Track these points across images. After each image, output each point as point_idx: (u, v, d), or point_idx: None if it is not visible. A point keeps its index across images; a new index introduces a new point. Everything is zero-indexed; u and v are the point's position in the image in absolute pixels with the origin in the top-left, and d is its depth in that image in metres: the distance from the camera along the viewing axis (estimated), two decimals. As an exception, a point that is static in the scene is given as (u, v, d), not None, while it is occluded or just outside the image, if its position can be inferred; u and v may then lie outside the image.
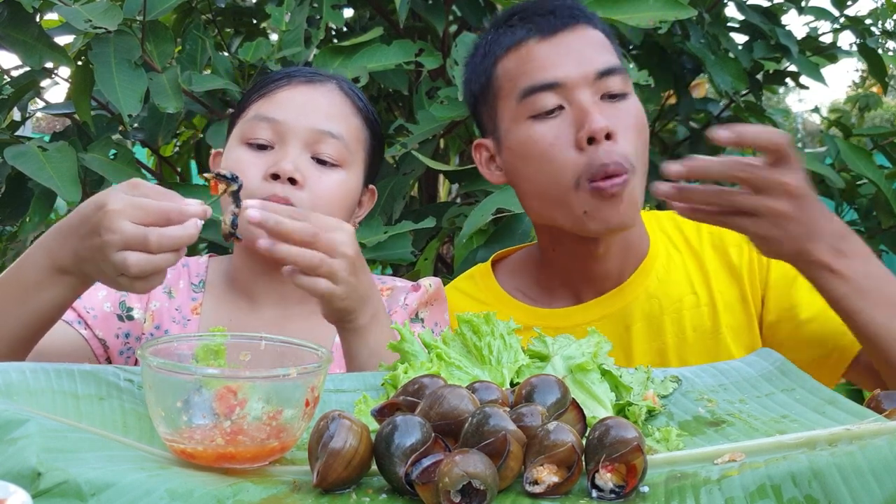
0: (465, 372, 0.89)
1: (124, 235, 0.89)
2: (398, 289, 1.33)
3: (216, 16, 2.46)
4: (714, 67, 2.30)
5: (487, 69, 1.30)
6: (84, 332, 1.22)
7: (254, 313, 1.28)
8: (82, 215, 0.94)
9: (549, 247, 1.34)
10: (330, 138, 1.23)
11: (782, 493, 0.62)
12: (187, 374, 0.73)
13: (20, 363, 0.82)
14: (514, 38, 1.26)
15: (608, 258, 1.30)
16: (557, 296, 1.36)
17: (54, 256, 0.97)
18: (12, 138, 1.94)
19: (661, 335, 1.30)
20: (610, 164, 1.18)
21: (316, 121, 1.23)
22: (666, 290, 1.31)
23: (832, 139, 2.52)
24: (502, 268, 1.43)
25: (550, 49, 1.24)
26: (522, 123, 1.24)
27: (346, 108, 1.28)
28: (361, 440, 0.68)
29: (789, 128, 9.48)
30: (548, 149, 1.21)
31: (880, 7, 2.76)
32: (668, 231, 1.37)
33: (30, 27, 1.85)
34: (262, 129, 1.23)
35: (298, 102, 1.25)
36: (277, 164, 1.19)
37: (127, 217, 0.89)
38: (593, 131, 1.18)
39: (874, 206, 2.44)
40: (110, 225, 0.89)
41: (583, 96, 1.21)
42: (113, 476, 0.64)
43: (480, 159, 1.36)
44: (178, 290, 1.30)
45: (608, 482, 0.66)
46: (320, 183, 1.22)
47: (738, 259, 1.31)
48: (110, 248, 0.89)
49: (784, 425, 0.78)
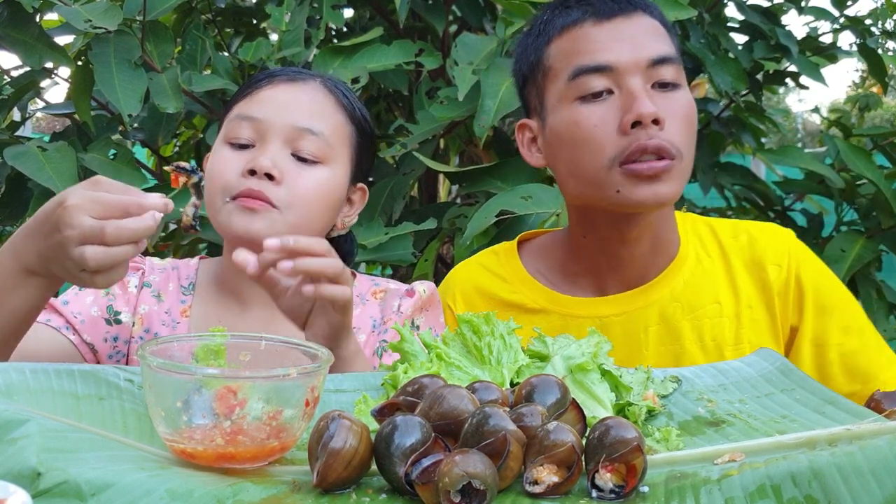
0: (465, 372, 0.89)
1: (82, 229, 0.89)
2: (391, 292, 1.33)
3: (216, 16, 2.46)
4: (714, 67, 2.30)
5: (539, 49, 1.28)
6: (72, 338, 1.22)
7: (243, 315, 1.28)
8: (44, 214, 0.94)
9: (580, 233, 1.32)
10: (310, 135, 1.23)
11: (782, 493, 0.62)
12: (187, 374, 0.73)
13: (20, 363, 0.82)
14: (569, 19, 1.25)
15: (639, 247, 1.29)
16: (580, 284, 1.34)
17: (21, 258, 0.97)
18: (12, 138, 1.94)
19: (679, 340, 1.28)
20: (650, 144, 1.16)
21: (296, 118, 1.23)
22: (690, 296, 1.30)
23: (832, 139, 2.52)
24: (527, 248, 1.42)
25: (605, 32, 1.23)
26: (569, 105, 1.23)
27: (329, 104, 1.27)
28: (361, 440, 0.68)
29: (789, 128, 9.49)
30: (591, 130, 1.20)
31: (880, 7, 2.76)
32: (702, 236, 1.35)
33: (30, 27, 1.85)
34: (243, 128, 1.23)
35: (280, 101, 1.25)
36: (255, 160, 1.19)
37: (85, 212, 0.89)
38: (640, 115, 1.17)
39: (874, 206, 2.44)
40: (69, 220, 0.89)
41: (633, 82, 1.19)
42: (113, 476, 0.64)
43: (522, 140, 1.34)
44: (168, 293, 1.30)
45: (608, 482, 0.66)
46: (299, 179, 1.21)
47: (776, 278, 1.29)
48: (70, 244, 0.90)
49: (784, 425, 0.78)
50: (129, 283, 1.28)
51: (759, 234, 1.33)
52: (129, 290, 1.28)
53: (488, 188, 1.96)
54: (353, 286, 1.34)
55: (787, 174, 3.15)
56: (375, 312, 1.31)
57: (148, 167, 2.44)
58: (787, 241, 1.32)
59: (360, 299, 1.32)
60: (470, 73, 1.90)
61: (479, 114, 1.83)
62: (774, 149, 2.78)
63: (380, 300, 1.32)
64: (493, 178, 1.97)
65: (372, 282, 1.36)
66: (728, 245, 1.33)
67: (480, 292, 1.38)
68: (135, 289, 1.29)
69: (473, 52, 1.95)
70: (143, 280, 1.30)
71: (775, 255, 1.30)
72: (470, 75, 1.89)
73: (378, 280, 1.38)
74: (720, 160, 2.72)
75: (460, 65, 1.93)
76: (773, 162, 2.76)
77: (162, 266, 1.33)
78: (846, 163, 2.38)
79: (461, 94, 1.87)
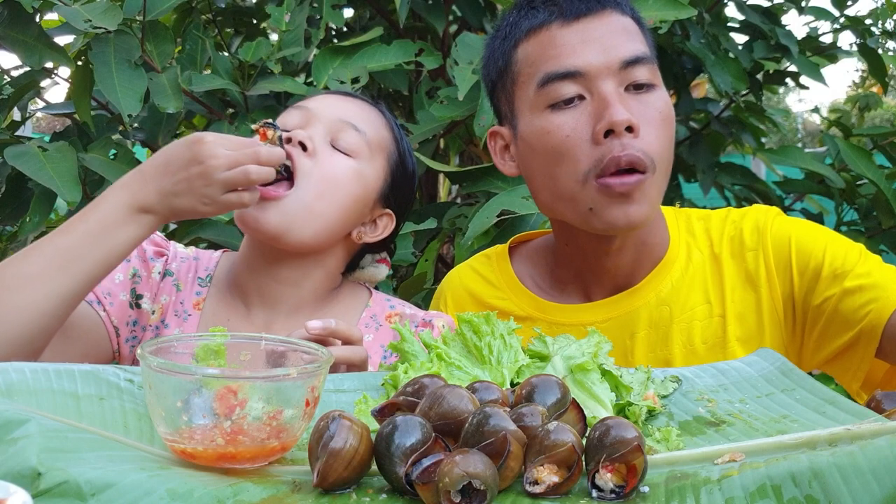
0: (466, 372, 0.89)
1: (230, 157, 1.05)
2: (406, 317, 1.31)
3: (216, 16, 2.46)
4: (714, 67, 2.30)
5: (507, 53, 1.23)
6: (102, 314, 1.23)
7: (248, 315, 1.27)
8: (170, 154, 1.07)
9: (563, 241, 1.29)
10: (352, 130, 1.26)
11: (782, 493, 0.62)
12: (187, 374, 0.73)
13: (20, 363, 0.82)
14: (535, 22, 1.20)
15: (622, 257, 1.25)
16: (568, 291, 1.31)
17: (136, 196, 1.07)
18: (12, 138, 1.94)
19: (668, 345, 1.24)
20: (623, 157, 1.11)
21: (343, 114, 1.27)
22: (679, 298, 1.25)
23: (832, 139, 2.52)
24: (520, 252, 1.39)
25: (573, 35, 1.17)
26: (539, 113, 1.18)
27: (379, 120, 1.32)
28: (362, 440, 0.68)
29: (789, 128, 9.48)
30: (563, 141, 1.15)
31: (880, 7, 2.76)
32: (695, 232, 1.30)
33: (30, 27, 1.85)
34: (291, 115, 1.28)
35: (332, 102, 1.30)
36: (292, 132, 1.23)
37: (222, 145, 1.05)
38: (613, 123, 1.11)
39: (874, 206, 2.44)
40: (212, 151, 1.04)
41: (605, 86, 1.14)
42: (113, 476, 0.64)
43: (495, 148, 1.30)
44: (186, 282, 1.30)
45: (608, 482, 0.66)
46: (329, 160, 1.23)
47: (755, 264, 1.24)
48: (215, 171, 1.05)
49: (784, 425, 0.78)
50: (153, 268, 1.28)
51: (741, 220, 1.28)
52: (152, 275, 1.28)
53: (488, 188, 1.96)
54: (367, 304, 1.33)
55: (787, 174, 3.16)
56: (387, 340, 1.28)
57: (148, 167, 2.43)
58: (760, 222, 1.26)
59: (374, 321, 1.31)
60: (470, 72, 1.90)
61: (479, 113, 1.83)
62: (774, 149, 2.78)
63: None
64: (493, 178, 1.98)
65: (387, 302, 1.34)
66: (716, 240, 1.28)
67: (471, 297, 1.36)
68: (158, 275, 1.29)
69: (473, 51, 1.95)
70: (166, 267, 1.30)
71: (751, 241, 1.25)
72: (470, 75, 1.89)
73: (393, 301, 1.35)
74: (720, 160, 2.73)
75: (460, 65, 1.93)
76: (773, 162, 2.76)
77: (185, 255, 1.33)
78: (846, 163, 2.38)
79: (461, 94, 1.87)
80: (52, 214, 2.21)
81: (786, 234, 1.24)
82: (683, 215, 1.33)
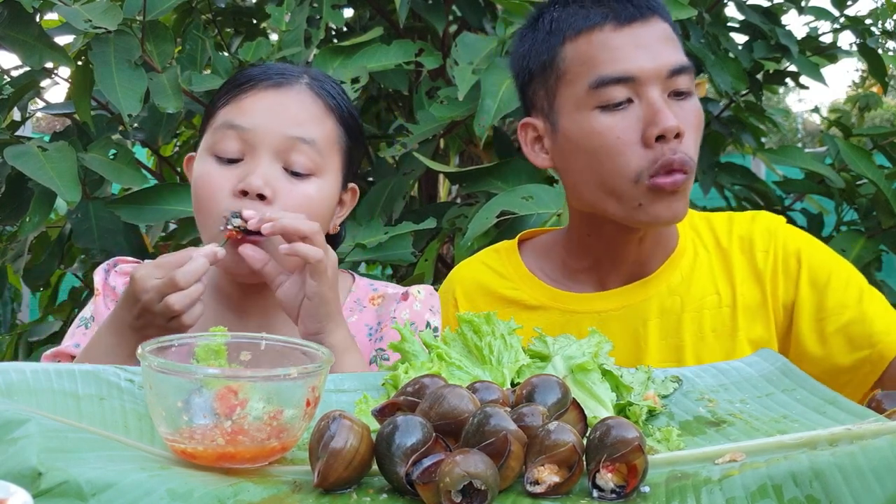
0: (466, 372, 0.89)
1: (156, 288, 1.05)
2: (388, 297, 1.31)
3: (216, 16, 2.47)
4: (714, 67, 2.30)
5: (553, 48, 1.26)
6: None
7: (240, 322, 1.26)
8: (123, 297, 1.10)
9: (584, 233, 1.33)
10: (302, 144, 1.19)
11: (783, 492, 0.62)
12: (188, 375, 0.73)
13: (20, 363, 0.82)
14: (587, 21, 1.23)
15: (643, 246, 1.31)
16: (581, 280, 1.35)
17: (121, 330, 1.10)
18: (12, 138, 1.94)
19: (679, 332, 1.30)
20: (676, 161, 1.19)
21: (285, 127, 1.19)
22: (689, 288, 1.31)
23: (832, 139, 2.52)
24: (528, 247, 1.43)
25: (626, 39, 1.21)
26: (588, 112, 1.22)
27: (318, 109, 1.23)
28: (362, 440, 0.68)
29: (789, 128, 9.49)
30: (614, 142, 1.20)
31: (880, 7, 2.76)
32: (699, 229, 1.37)
33: (30, 27, 1.85)
34: (229, 139, 1.19)
35: (267, 108, 1.20)
36: (246, 180, 1.16)
37: (151, 276, 1.06)
38: (666, 129, 1.18)
39: (874, 206, 2.44)
40: (143, 286, 1.06)
41: (653, 93, 1.20)
42: (113, 476, 0.64)
43: (525, 139, 1.33)
44: None
45: (609, 482, 0.66)
46: (291, 196, 1.18)
47: (763, 264, 1.30)
48: (152, 304, 1.06)
49: (785, 425, 0.78)
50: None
51: (750, 222, 1.35)
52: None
53: (488, 188, 1.96)
54: (351, 290, 1.33)
55: (787, 174, 3.15)
56: (371, 319, 1.29)
57: (148, 167, 2.44)
58: (772, 226, 1.34)
59: (358, 305, 1.31)
60: (470, 72, 1.90)
61: (479, 114, 1.83)
62: (774, 149, 2.79)
63: (377, 306, 1.31)
64: (493, 178, 1.97)
65: (371, 286, 1.34)
66: (723, 237, 1.35)
67: (481, 289, 1.39)
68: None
69: (473, 51, 1.95)
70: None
71: (762, 242, 1.32)
72: (470, 75, 1.89)
73: (377, 284, 1.35)
74: (720, 160, 2.72)
75: (460, 65, 1.93)
76: (773, 162, 2.76)
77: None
78: (846, 163, 2.38)
79: (461, 94, 1.87)
80: (51, 214, 2.21)
81: (796, 245, 1.32)
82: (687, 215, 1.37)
